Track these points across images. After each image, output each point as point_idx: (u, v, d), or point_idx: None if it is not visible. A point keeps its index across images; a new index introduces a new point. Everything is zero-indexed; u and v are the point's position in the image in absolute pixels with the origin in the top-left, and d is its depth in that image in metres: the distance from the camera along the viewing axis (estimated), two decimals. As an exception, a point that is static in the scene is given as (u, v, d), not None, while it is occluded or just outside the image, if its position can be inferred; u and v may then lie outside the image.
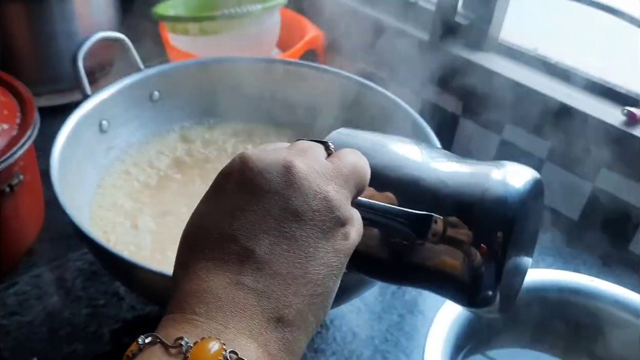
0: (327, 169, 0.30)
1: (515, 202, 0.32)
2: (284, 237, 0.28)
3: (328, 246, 0.28)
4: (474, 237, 0.31)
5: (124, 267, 0.45)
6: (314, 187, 0.29)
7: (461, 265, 0.31)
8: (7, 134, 0.63)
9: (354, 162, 0.32)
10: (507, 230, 0.31)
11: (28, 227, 0.67)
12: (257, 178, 0.29)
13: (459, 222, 0.32)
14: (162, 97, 0.67)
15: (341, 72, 0.71)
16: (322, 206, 0.28)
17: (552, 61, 0.85)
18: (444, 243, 0.32)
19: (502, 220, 0.31)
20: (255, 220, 0.28)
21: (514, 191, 0.32)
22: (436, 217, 0.32)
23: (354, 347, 0.62)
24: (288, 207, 0.28)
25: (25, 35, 0.88)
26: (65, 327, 0.61)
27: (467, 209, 0.32)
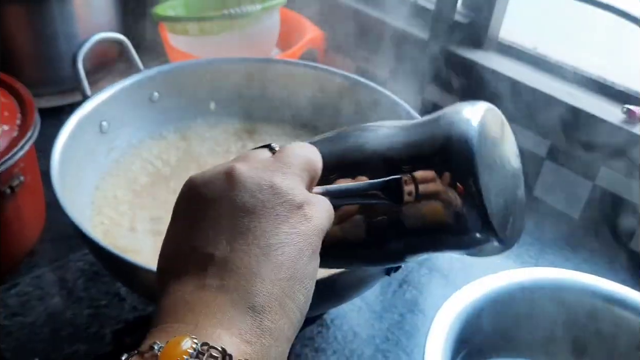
0: (269, 163, 0.31)
1: (473, 134, 0.32)
2: (240, 233, 0.29)
3: (288, 229, 0.29)
4: (446, 181, 0.31)
5: (125, 268, 0.45)
6: (257, 181, 0.30)
7: (445, 212, 0.32)
8: (8, 135, 0.63)
9: (299, 151, 0.33)
10: (472, 161, 0.31)
11: (29, 228, 0.68)
12: (203, 190, 0.31)
13: (426, 172, 0.32)
14: (162, 97, 0.67)
15: (340, 71, 0.71)
16: (270, 195, 0.29)
17: (551, 60, 0.85)
18: (422, 199, 0.32)
19: (465, 154, 0.31)
20: (209, 226, 0.29)
21: (469, 125, 0.32)
22: (404, 177, 0.32)
23: (355, 346, 0.62)
24: (236, 206, 0.29)
25: (25, 37, 0.88)
26: (66, 327, 0.61)
27: (429, 158, 0.32)
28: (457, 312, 0.53)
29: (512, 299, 0.55)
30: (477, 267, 0.73)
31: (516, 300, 0.55)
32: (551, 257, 0.76)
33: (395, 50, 0.93)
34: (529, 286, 0.55)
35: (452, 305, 0.53)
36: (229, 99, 0.71)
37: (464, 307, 0.53)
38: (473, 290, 0.55)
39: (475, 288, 0.55)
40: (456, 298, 0.54)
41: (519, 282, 0.56)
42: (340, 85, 0.71)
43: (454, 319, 0.52)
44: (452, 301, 0.53)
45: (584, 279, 0.56)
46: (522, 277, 0.56)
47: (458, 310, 0.53)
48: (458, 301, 0.53)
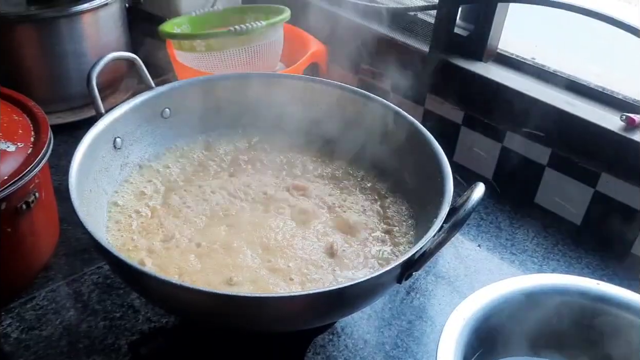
0: None
1: None
2: None
3: None
4: None
5: (143, 279, 0.47)
6: None
7: None
8: (23, 153, 0.64)
9: None
10: None
11: (44, 243, 0.69)
12: None
13: None
14: (173, 114, 0.68)
15: (345, 85, 0.73)
16: None
17: (550, 70, 0.87)
18: None
19: None
20: None
21: None
22: None
23: (366, 353, 0.64)
24: None
25: (35, 56, 0.90)
26: (83, 340, 0.62)
27: None
28: (467, 318, 0.54)
29: (520, 303, 0.56)
30: (483, 274, 0.75)
31: (523, 305, 0.57)
32: (554, 263, 0.77)
33: (396, 63, 0.95)
34: (535, 291, 0.56)
35: (462, 312, 0.54)
36: (239, 114, 0.73)
37: (473, 313, 0.54)
38: (481, 296, 0.56)
39: (483, 294, 0.56)
40: (465, 305, 0.55)
41: (525, 288, 0.57)
42: (344, 98, 0.72)
43: (464, 325, 0.53)
44: (462, 308, 0.55)
45: (589, 283, 0.58)
46: (528, 283, 0.58)
47: (468, 316, 0.54)
48: (467, 307, 0.55)
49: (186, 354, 0.61)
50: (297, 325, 0.53)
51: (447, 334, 0.52)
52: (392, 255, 0.60)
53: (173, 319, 0.65)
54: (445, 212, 0.53)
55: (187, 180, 0.67)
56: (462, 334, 0.53)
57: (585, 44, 0.89)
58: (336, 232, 0.62)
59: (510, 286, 0.57)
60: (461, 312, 0.54)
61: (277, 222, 0.62)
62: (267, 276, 0.55)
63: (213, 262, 0.56)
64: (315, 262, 0.57)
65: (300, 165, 0.71)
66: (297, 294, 0.47)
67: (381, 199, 0.68)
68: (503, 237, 0.81)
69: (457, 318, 0.53)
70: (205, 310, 0.47)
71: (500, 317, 0.56)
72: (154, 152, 0.68)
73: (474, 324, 0.54)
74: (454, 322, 0.53)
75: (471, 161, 0.92)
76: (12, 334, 0.62)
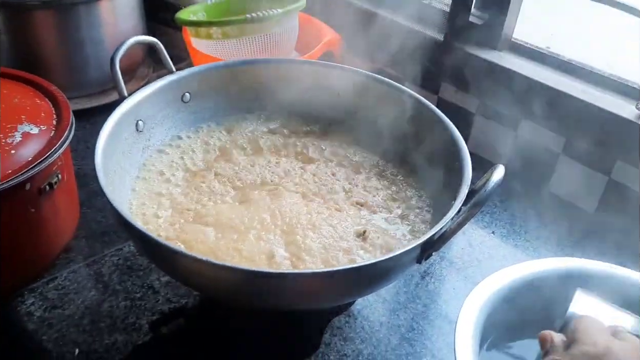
0: None
1: None
2: None
3: None
4: None
5: (169, 255, 0.48)
6: None
7: None
8: (46, 135, 0.65)
9: None
10: None
11: (65, 225, 0.70)
12: None
13: None
14: (193, 98, 0.69)
15: (362, 71, 0.74)
16: None
17: (565, 58, 0.87)
18: None
19: None
20: None
21: None
22: None
23: (381, 335, 0.65)
24: None
25: (53, 42, 0.91)
26: (104, 319, 0.63)
27: None
28: (483, 301, 0.54)
29: (534, 287, 0.57)
30: (497, 260, 0.76)
31: (538, 289, 0.57)
32: (569, 250, 0.77)
33: (411, 52, 0.95)
34: (549, 275, 0.57)
35: (478, 295, 0.55)
36: (258, 99, 0.74)
37: (489, 297, 0.55)
38: (496, 280, 0.57)
39: (498, 278, 0.57)
40: (481, 288, 0.56)
41: (539, 272, 0.58)
42: (362, 84, 0.73)
43: (480, 307, 0.54)
44: (478, 291, 0.55)
45: (603, 267, 0.58)
46: (543, 267, 0.58)
47: (484, 300, 0.55)
48: (483, 291, 0.56)
49: (206, 334, 0.63)
50: (318, 303, 0.54)
51: (464, 316, 0.53)
52: (410, 236, 0.61)
53: (192, 300, 0.66)
54: (464, 193, 0.54)
55: (208, 163, 0.67)
56: (479, 316, 0.53)
57: (600, 33, 0.89)
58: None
59: (529, 269, 0.57)
60: (478, 295, 0.55)
61: (298, 203, 0.63)
62: (291, 255, 0.56)
63: (237, 241, 0.57)
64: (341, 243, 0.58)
65: (318, 150, 0.71)
66: (319, 271, 0.48)
67: (398, 183, 0.68)
68: (517, 225, 0.81)
69: (474, 301, 0.54)
70: (230, 287, 0.48)
71: (516, 300, 0.56)
72: (175, 135, 0.69)
73: (491, 305, 0.55)
74: (471, 304, 0.54)
75: (485, 149, 0.92)
76: (35, 312, 0.63)
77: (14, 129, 0.64)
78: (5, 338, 0.62)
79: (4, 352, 0.60)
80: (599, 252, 0.77)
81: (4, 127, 0.64)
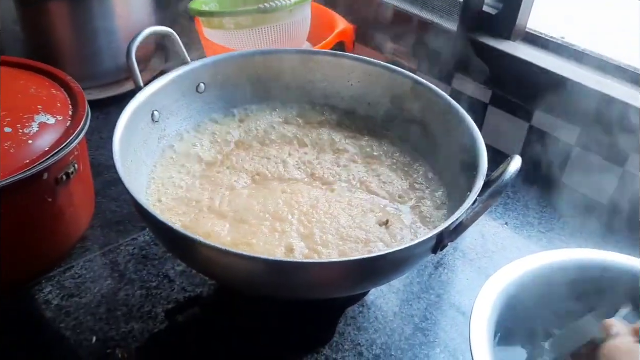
0: None
1: None
2: None
3: None
4: None
5: (185, 244, 0.48)
6: None
7: None
8: (62, 125, 0.66)
9: None
10: None
11: (81, 214, 0.71)
12: None
13: None
14: (207, 88, 0.69)
15: (375, 60, 0.73)
16: None
17: (580, 49, 0.86)
18: None
19: None
20: None
21: None
22: None
23: (395, 325, 0.65)
24: None
25: (67, 32, 0.91)
26: (121, 307, 0.64)
27: None
28: (497, 293, 0.54)
29: (548, 278, 0.57)
30: (510, 251, 0.76)
31: (552, 279, 0.57)
32: (581, 242, 0.77)
33: (423, 42, 0.95)
34: (568, 266, 0.57)
35: (492, 287, 0.55)
36: (273, 89, 0.74)
37: (503, 289, 0.55)
38: (510, 272, 0.57)
39: (512, 270, 0.57)
40: (495, 280, 0.56)
41: (555, 262, 0.58)
42: (376, 75, 0.73)
43: (495, 300, 0.54)
44: (492, 283, 0.55)
45: (621, 258, 0.58)
46: (561, 257, 0.58)
47: (498, 292, 0.54)
48: (497, 283, 0.55)
49: (221, 322, 0.63)
50: (334, 293, 0.54)
51: (479, 309, 0.52)
52: (424, 226, 0.61)
53: (207, 289, 0.66)
54: (480, 183, 0.54)
55: (223, 154, 0.68)
56: (493, 309, 0.53)
57: (615, 23, 0.88)
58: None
59: (544, 260, 0.57)
60: (493, 285, 0.55)
61: (313, 193, 0.63)
62: (308, 244, 0.56)
63: (253, 231, 0.57)
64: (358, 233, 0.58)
65: (333, 140, 0.71)
66: (336, 261, 0.48)
67: (412, 173, 0.68)
68: (530, 216, 0.81)
69: (489, 291, 0.54)
70: (249, 276, 0.49)
71: (531, 291, 0.56)
72: (190, 125, 0.69)
73: (506, 298, 0.55)
74: (485, 296, 0.53)
75: (498, 140, 0.92)
76: (53, 300, 0.64)
77: (30, 119, 0.65)
78: (24, 325, 0.63)
79: (24, 339, 0.61)
80: (614, 243, 0.77)
81: (21, 117, 0.65)
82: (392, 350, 0.62)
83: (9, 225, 0.61)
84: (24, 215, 0.62)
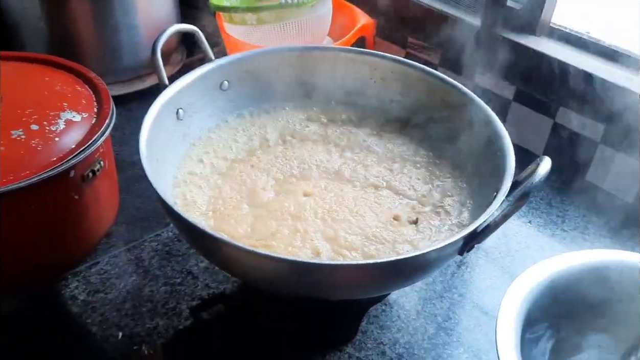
0: None
1: None
2: None
3: None
4: None
5: (209, 242, 0.48)
6: None
7: None
8: (88, 122, 0.66)
9: None
10: None
11: (106, 211, 0.71)
12: None
13: None
14: (231, 86, 0.69)
15: (398, 57, 0.73)
16: None
17: (605, 44, 0.85)
18: None
19: None
20: None
21: None
22: None
23: (418, 324, 0.65)
24: None
25: (89, 28, 0.92)
26: (145, 303, 0.65)
27: None
28: (524, 295, 0.54)
29: (578, 279, 0.56)
30: (534, 250, 0.75)
31: (581, 282, 0.57)
32: (607, 241, 0.76)
33: (445, 37, 0.94)
34: (599, 266, 0.56)
35: (518, 289, 0.54)
36: (296, 87, 0.73)
37: (529, 290, 0.54)
38: (536, 273, 0.56)
39: (538, 271, 0.56)
40: (521, 281, 0.55)
41: (583, 264, 0.57)
42: (399, 72, 0.72)
43: (521, 302, 0.53)
44: (518, 284, 0.55)
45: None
46: (593, 258, 0.58)
47: (524, 294, 0.54)
48: (523, 284, 0.55)
49: (245, 320, 0.64)
50: (360, 294, 0.54)
51: (505, 311, 0.52)
52: (449, 226, 0.60)
53: (230, 286, 0.67)
54: (508, 184, 0.53)
55: (246, 152, 0.68)
56: (520, 311, 0.53)
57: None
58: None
59: (572, 260, 0.57)
60: (519, 286, 0.54)
61: (337, 192, 0.63)
62: (333, 245, 0.56)
63: (276, 230, 0.57)
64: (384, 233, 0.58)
65: (357, 138, 0.71)
66: (363, 263, 0.48)
67: (436, 172, 0.68)
68: (554, 214, 0.80)
69: (515, 294, 0.53)
70: (274, 276, 0.49)
71: (558, 292, 0.56)
72: (214, 123, 0.69)
73: (532, 300, 0.54)
74: (512, 298, 0.53)
75: (521, 137, 0.91)
76: (79, 296, 0.65)
77: (57, 117, 0.65)
78: (52, 320, 0.63)
79: (51, 334, 0.62)
80: (638, 244, 0.76)
81: (47, 114, 0.65)
82: (415, 350, 0.62)
83: (37, 222, 0.62)
84: (51, 212, 0.62)
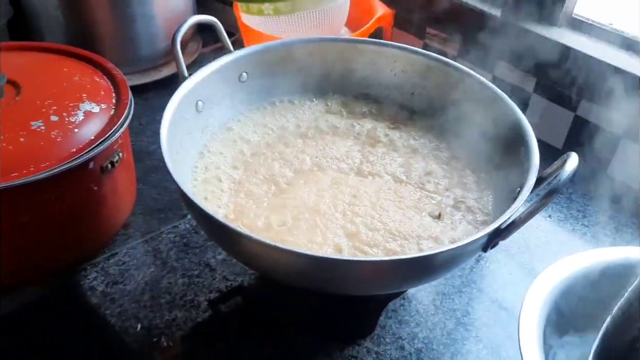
0: None
1: None
2: None
3: None
4: None
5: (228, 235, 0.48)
6: None
7: None
8: (106, 113, 0.66)
9: None
10: None
11: (124, 202, 0.71)
12: None
13: None
14: (250, 77, 0.69)
15: (418, 49, 0.72)
16: None
17: (629, 36, 0.83)
18: None
19: None
20: None
21: None
22: None
23: (437, 319, 0.64)
24: None
25: (107, 18, 0.92)
26: (164, 295, 0.65)
27: None
28: (546, 293, 0.53)
29: (602, 276, 0.55)
30: (554, 245, 0.74)
31: (603, 279, 0.56)
32: (628, 236, 0.75)
33: (464, 28, 0.92)
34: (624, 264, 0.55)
35: (541, 286, 0.53)
36: (315, 78, 0.73)
37: (552, 288, 0.54)
38: (558, 270, 0.55)
39: (560, 268, 0.56)
40: (543, 279, 0.54)
41: (605, 261, 0.57)
42: (419, 64, 0.71)
43: (544, 299, 0.52)
44: (540, 281, 0.54)
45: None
46: (609, 256, 0.57)
47: (547, 291, 0.53)
48: (546, 282, 0.54)
49: (263, 313, 0.63)
50: (382, 290, 0.54)
51: (527, 309, 0.51)
52: (472, 221, 0.60)
53: (248, 278, 0.67)
54: (533, 180, 0.52)
55: (266, 144, 0.67)
56: (542, 309, 0.52)
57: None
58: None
59: (594, 258, 0.56)
60: (542, 283, 0.54)
61: (357, 186, 0.62)
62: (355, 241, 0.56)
63: (296, 225, 0.57)
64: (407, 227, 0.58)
65: (377, 131, 0.70)
66: (386, 259, 0.48)
67: (457, 166, 0.67)
68: (574, 209, 0.79)
69: (537, 292, 0.53)
70: (294, 271, 0.48)
71: (581, 289, 0.55)
72: (233, 115, 0.69)
73: (554, 298, 0.53)
74: (534, 296, 0.52)
75: (541, 130, 0.89)
76: (98, 287, 0.65)
77: (76, 108, 0.65)
78: (71, 311, 0.64)
79: (71, 325, 0.62)
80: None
81: (67, 105, 0.65)
82: (434, 345, 0.62)
83: (56, 213, 0.62)
84: (70, 203, 0.63)
